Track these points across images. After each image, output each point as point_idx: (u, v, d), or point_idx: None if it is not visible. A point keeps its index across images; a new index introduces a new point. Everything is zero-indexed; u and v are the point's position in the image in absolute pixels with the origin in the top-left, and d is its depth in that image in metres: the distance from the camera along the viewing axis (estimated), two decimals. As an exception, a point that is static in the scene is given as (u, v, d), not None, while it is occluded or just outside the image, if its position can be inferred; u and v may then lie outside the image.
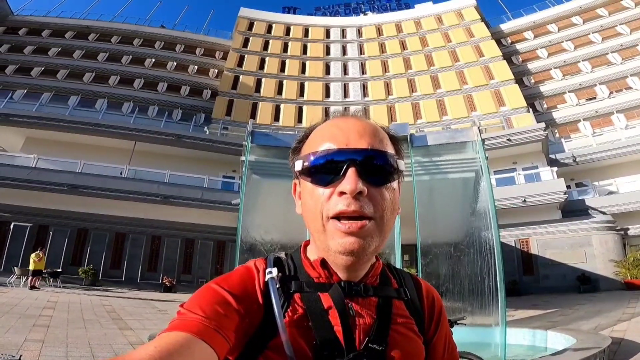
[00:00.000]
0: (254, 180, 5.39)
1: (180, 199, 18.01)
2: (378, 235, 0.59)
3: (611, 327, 6.44)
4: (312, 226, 0.61)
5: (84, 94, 24.56)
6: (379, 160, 0.59)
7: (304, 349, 0.56)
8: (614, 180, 19.59)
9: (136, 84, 25.98)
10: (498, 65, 25.59)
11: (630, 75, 22.95)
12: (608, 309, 8.94)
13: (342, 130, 0.61)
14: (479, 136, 5.35)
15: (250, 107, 25.61)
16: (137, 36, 29.44)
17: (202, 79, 28.06)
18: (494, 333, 4.51)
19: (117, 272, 17.23)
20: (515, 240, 17.32)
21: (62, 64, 25.92)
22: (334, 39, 30.97)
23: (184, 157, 20.88)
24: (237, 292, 0.59)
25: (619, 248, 16.02)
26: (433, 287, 0.76)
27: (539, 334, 5.70)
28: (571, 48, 26.04)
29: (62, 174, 17.36)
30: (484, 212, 5.02)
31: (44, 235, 16.69)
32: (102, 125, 20.40)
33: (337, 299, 0.60)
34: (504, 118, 22.72)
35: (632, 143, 19.45)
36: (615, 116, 22.08)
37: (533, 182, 18.48)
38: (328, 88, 27.70)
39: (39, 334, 5.60)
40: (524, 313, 9.42)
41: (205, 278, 18.05)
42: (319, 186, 0.60)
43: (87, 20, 29.78)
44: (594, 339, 4.77)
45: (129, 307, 9.69)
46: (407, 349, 0.61)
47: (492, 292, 4.58)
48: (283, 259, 0.67)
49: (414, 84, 26.75)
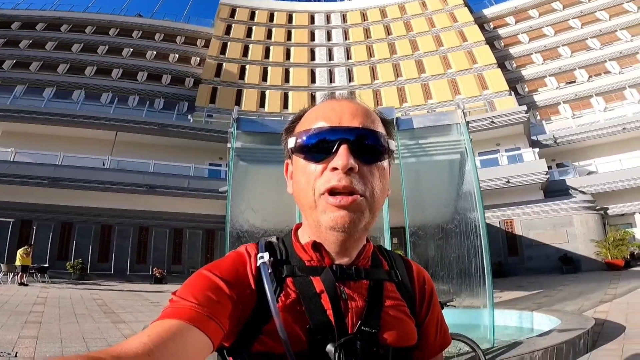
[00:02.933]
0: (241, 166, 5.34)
1: (167, 189, 17.77)
2: (368, 211, 0.59)
3: (594, 309, 6.64)
4: (304, 202, 0.61)
5: (59, 86, 23.84)
6: (371, 140, 0.60)
7: (297, 333, 0.56)
8: (593, 160, 20.16)
9: (114, 74, 25.36)
10: (481, 50, 25.81)
11: (608, 60, 23.48)
12: (590, 290, 9.21)
13: (335, 111, 0.62)
14: (463, 119, 5.39)
15: (234, 94, 25.33)
16: (112, 26, 28.59)
17: (184, 67, 27.52)
18: (483, 315, 4.60)
19: (106, 265, 17.01)
20: (500, 221, 17.68)
21: (35, 56, 25.00)
22: (319, 24, 30.64)
23: (168, 146, 20.53)
24: (229, 278, 0.59)
25: (599, 228, 16.49)
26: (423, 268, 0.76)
27: (526, 315, 5.84)
28: (551, 33, 26.38)
29: (42, 167, 16.89)
30: (469, 193, 5.09)
31: (28, 230, 16.30)
32: (80, 116, 19.87)
33: (328, 283, 0.60)
34: (487, 101, 23.09)
35: (611, 125, 20.02)
36: (594, 99, 22.62)
37: (516, 163, 18.89)
38: (313, 74, 27.51)
39: (32, 330, 5.54)
40: (510, 294, 9.66)
41: (196, 268, 17.90)
42: (311, 162, 0.60)
43: (58, 12, 28.65)
44: (577, 320, 4.89)
45: (120, 300, 9.63)
46: (399, 331, 0.62)
47: (479, 273, 4.67)
48: (274, 243, 0.67)
49: (399, 69, 26.79)
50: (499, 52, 26.67)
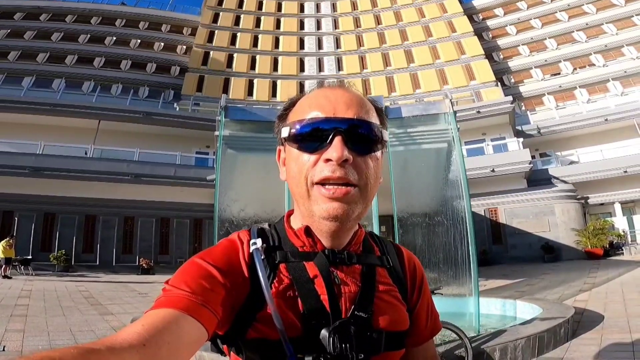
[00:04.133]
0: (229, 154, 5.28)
1: (152, 177, 17.54)
2: (362, 202, 0.60)
3: (574, 297, 6.82)
4: (297, 191, 0.61)
5: (39, 75, 23.21)
6: (365, 130, 0.60)
7: (292, 319, 0.56)
8: (576, 150, 20.65)
9: (96, 63, 24.77)
10: (469, 41, 25.94)
11: (593, 53, 23.88)
12: (570, 279, 9.47)
13: (329, 100, 0.61)
14: (450, 108, 5.44)
15: (222, 82, 24.99)
16: (94, 15, 27.78)
17: (169, 56, 26.98)
18: (468, 303, 4.70)
19: (91, 256, 16.77)
20: (485, 210, 18.02)
21: (13, 45, 24.14)
22: (308, 13, 30.30)
23: (154, 135, 20.18)
24: (222, 265, 0.58)
25: (579, 217, 16.97)
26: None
27: (509, 303, 5.98)
28: (539, 25, 26.64)
29: (22, 156, 16.46)
30: (456, 181, 5.16)
31: (9, 221, 15.93)
32: (61, 105, 19.40)
33: (322, 267, 0.60)
34: (474, 91, 23.34)
35: (593, 116, 20.47)
36: (578, 91, 23.04)
37: (501, 153, 19.27)
38: (302, 62, 27.28)
39: (18, 324, 5.46)
40: (494, 283, 9.86)
41: (183, 258, 17.86)
42: (304, 152, 0.60)
43: (37, 1, 27.49)
44: (558, 308, 5.02)
45: (107, 292, 9.51)
46: (392, 316, 0.63)
47: (465, 262, 4.76)
48: (267, 230, 0.67)
49: (388, 59, 26.76)
50: (487, 43, 26.84)
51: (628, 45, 23.14)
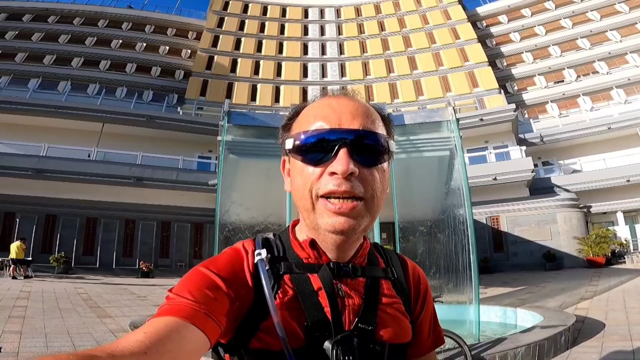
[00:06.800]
0: (231, 160, 5.28)
1: (154, 181, 17.56)
2: (368, 215, 0.59)
3: (575, 305, 6.77)
4: (301, 204, 0.60)
5: (45, 77, 23.32)
6: (371, 141, 0.59)
7: (295, 330, 0.56)
8: (578, 159, 20.56)
9: (102, 66, 24.90)
10: (473, 48, 25.98)
11: (597, 60, 23.84)
12: (572, 287, 9.40)
13: (334, 110, 0.60)
14: (453, 116, 5.45)
15: (225, 87, 25.10)
16: (101, 17, 28.01)
17: (174, 60, 27.13)
18: (469, 310, 4.68)
19: (91, 258, 16.75)
20: (487, 218, 17.95)
21: (20, 47, 24.36)
22: (312, 19, 30.42)
23: (156, 138, 20.24)
24: (226, 275, 0.58)
25: (582, 225, 16.88)
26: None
27: (510, 311, 5.95)
28: (542, 32, 26.66)
29: (26, 158, 16.51)
30: (458, 189, 5.15)
31: (11, 222, 15.94)
32: (65, 107, 19.46)
33: (326, 280, 0.60)
34: (477, 99, 23.32)
35: (596, 124, 20.39)
36: (581, 98, 22.99)
37: (503, 161, 19.19)
38: (306, 68, 27.37)
39: (15, 325, 5.43)
40: (495, 290, 9.81)
41: (183, 261, 17.85)
42: (309, 165, 0.59)
43: (45, 3, 27.84)
44: (559, 316, 4.99)
45: (106, 295, 9.48)
46: (395, 329, 0.63)
47: (466, 269, 4.74)
48: (272, 240, 0.67)
49: (391, 65, 26.84)
50: (491, 50, 26.88)
51: (632, 52, 23.12)
